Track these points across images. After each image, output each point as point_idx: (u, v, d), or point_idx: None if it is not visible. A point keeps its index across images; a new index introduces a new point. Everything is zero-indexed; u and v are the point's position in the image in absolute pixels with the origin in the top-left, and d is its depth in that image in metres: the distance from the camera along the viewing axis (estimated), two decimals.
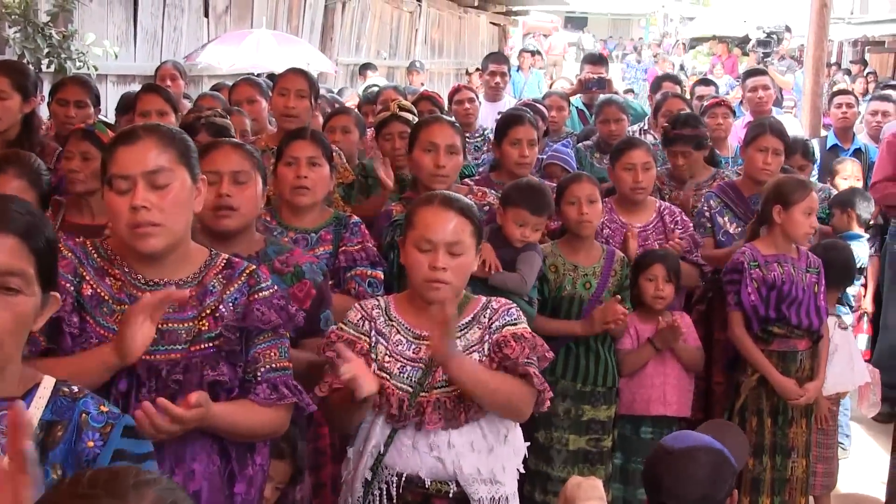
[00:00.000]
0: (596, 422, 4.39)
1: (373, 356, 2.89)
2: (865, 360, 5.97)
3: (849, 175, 6.55)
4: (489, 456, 2.91)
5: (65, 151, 4.12)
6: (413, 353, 2.91)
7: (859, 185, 6.43)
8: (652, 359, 4.53)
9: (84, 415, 1.93)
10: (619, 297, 4.32)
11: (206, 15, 10.19)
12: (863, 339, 6.38)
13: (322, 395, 2.85)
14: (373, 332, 2.93)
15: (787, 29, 17.66)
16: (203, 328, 2.49)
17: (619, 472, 4.55)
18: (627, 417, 4.56)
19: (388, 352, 2.92)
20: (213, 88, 7.32)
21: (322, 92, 7.44)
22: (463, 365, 2.80)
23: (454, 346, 2.79)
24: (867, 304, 6.49)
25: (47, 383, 1.96)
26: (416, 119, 5.02)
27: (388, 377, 2.88)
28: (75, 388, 1.98)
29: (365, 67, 11.92)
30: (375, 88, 8.41)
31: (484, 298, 3.04)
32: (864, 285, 6.42)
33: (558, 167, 5.68)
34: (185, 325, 2.49)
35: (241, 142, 3.42)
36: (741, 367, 4.60)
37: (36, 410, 1.91)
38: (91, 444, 1.91)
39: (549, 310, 4.38)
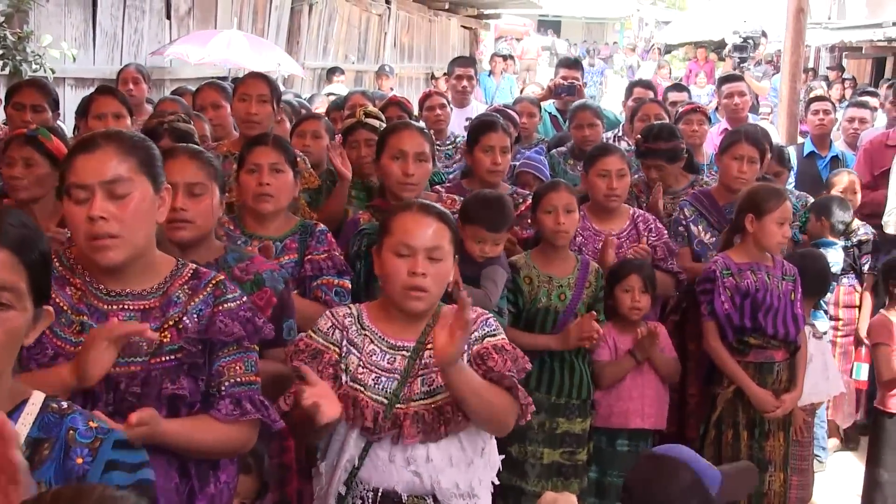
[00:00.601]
0: (570, 435, 4.40)
1: (342, 367, 2.89)
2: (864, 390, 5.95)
3: (845, 188, 6.44)
4: (468, 470, 2.91)
5: (6, 157, 4.06)
6: (388, 363, 2.90)
7: (857, 197, 6.36)
8: (630, 371, 4.56)
9: (71, 431, 1.91)
10: (594, 312, 4.34)
11: (168, 16, 10.15)
12: (862, 369, 6.17)
13: (286, 408, 2.85)
14: (344, 342, 2.92)
15: (764, 34, 17.81)
16: (165, 340, 2.48)
17: (594, 485, 4.57)
18: (603, 430, 4.59)
19: (361, 363, 2.90)
20: (175, 92, 7.29)
21: (289, 98, 7.45)
22: (463, 373, 2.77)
23: (459, 352, 2.74)
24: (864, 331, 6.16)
25: (36, 399, 1.94)
26: (383, 125, 5.03)
27: (362, 389, 2.87)
28: (64, 405, 1.96)
29: (332, 71, 11.94)
30: (333, 97, 8.44)
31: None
32: (860, 307, 6.26)
33: (531, 175, 5.71)
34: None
35: (200, 148, 3.40)
36: (717, 378, 4.63)
37: (23, 427, 1.89)
38: (80, 460, 1.89)
39: (524, 322, 4.40)
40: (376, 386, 2.87)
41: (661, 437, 4.69)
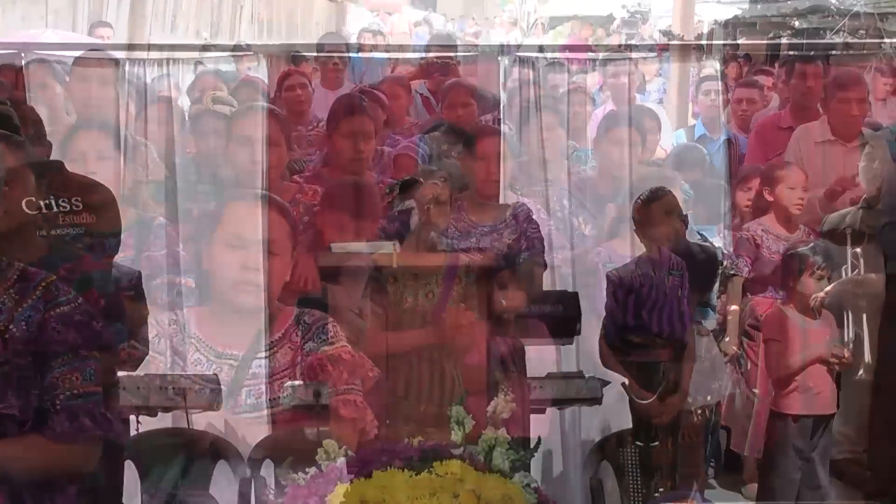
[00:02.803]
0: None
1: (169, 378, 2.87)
2: None
3: (795, 185, 5.97)
4: None
5: None
6: (213, 373, 2.89)
7: (806, 195, 5.94)
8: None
9: None
10: (465, 305, 4.36)
11: None
12: None
13: None
14: (168, 352, 2.91)
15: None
16: None
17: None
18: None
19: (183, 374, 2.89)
20: None
21: None
22: None
23: None
24: None
25: None
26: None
27: (183, 401, 2.85)
28: None
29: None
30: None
31: (297, 311, 3.04)
32: None
33: (413, 160, 5.66)
34: None
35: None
36: None
37: None
38: None
39: (391, 325, 4.39)
40: (199, 398, 2.85)
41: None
